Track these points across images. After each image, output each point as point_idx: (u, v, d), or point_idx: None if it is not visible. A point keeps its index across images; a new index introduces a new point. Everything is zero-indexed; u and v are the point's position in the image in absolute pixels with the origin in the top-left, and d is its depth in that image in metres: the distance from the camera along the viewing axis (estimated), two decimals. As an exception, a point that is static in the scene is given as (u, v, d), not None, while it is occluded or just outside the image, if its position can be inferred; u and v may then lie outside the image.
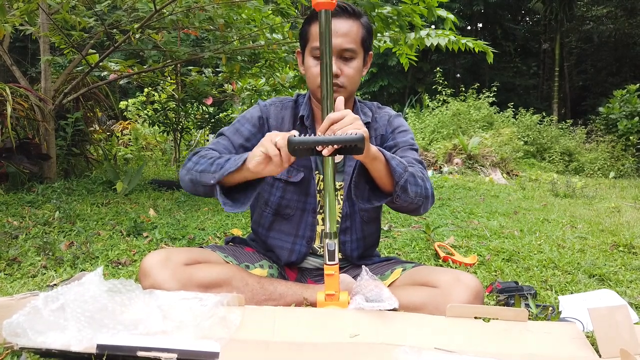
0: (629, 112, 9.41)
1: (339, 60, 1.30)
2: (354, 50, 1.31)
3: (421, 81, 16.96)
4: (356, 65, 1.33)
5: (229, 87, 5.29)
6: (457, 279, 1.20)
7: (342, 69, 1.31)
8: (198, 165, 1.25)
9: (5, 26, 2.91)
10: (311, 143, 1.02)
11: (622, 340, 1.05)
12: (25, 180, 3.50)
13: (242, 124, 1.41)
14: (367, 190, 1.23)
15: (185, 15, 3.32)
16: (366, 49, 1.36)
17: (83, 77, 3.82)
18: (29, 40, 8.96)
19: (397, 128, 1.45)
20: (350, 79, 1.32)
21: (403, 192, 1.19)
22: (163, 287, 1.15)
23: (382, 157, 1.16)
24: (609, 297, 1.54)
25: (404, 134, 1.44)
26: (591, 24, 18.69)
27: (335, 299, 1.15)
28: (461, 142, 7.56)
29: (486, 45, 3.30)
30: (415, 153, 1.39)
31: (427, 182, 1.29)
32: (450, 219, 3.26)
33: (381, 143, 1.43)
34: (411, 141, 1.42)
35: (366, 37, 1.34)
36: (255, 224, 1.50)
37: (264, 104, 1.46)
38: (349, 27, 1.30)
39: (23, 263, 1.89)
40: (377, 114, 1.48)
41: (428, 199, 1.28)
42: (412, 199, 1.23)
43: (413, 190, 1.21)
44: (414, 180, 1.22)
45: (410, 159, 1.35)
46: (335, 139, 1.01)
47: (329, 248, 1.16)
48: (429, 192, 1.28)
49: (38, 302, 0.96)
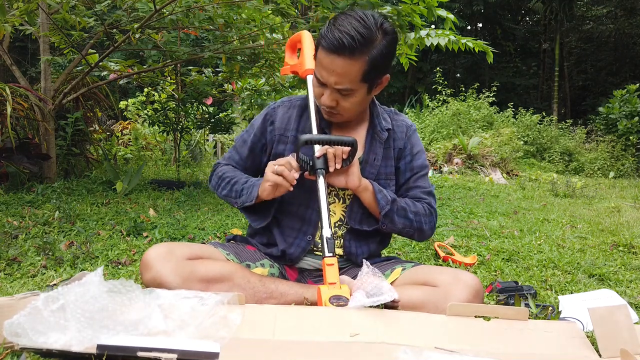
0: (628, 112, 9.41)
1: (335, 93, 1.27)
2: (349, 89, 1.26)
3: (421, 81, 16.97)
4: (354, 100, 1.29)
5: (229, 87, 5.29)
6: (457, 278, 1.21)
7: (339, 101, 1.29)
8: (220, 188, 1.44)
9: (5, 26, 2.91)
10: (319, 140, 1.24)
11: (622, 340, 1.05)
12: (25, 180, 3.50)
13: (248, 133, 1.49)
14: (360, 215, 1.39)
15: (185, 15, 3.32)
16: (372, 79, 1.28)
17: (83, 77, 3.82)
18: (29, 40, 8.96)
19: (415, 147, 1.47)
20: (347, 110, 1.32)
21: (389, 222, 1.36)
22: (164, 280, 1.15)
23: (371, 188, 1.34)
24: (608, 297, 1.54)
25: (420, 155, 1.48)
26: (591, 24, 18.70)
27: (337, 287, 1.17)
28: (461, 142, 7.56)
29: (486, 45, 3.30)
30: (426, 179, 1.48)
31: (424, 217, 1.40)
32: (450, 218, 3.26)
33: (398, 157, 1.45)
34: (425, 163, 1.49)
35: (371, 70, 1.23)
36: None
37: (273, 105, 1.49)
38: (346, 67, 1.21)
39: (23, 263, 1.89)
40: (395, 121, 1.48)
41: (422, 231, 1.42)
42: (400, 229, 1.39)
43: (401, 222, 1.37)
44: (403, 213, 1.37)
45: (419, 192, 1.45)
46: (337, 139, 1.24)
47: (328, 240, 1.23)
48: (423, 225, 1.40)
49: (38, 303, 0.96)
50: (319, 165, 1.27)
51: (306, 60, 1.45)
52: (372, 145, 1.42)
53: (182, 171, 5.24)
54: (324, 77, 1.26)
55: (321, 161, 1.27)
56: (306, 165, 1.27)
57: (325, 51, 1.22)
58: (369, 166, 1.41)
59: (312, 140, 1.24)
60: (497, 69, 17.99)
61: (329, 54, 1.22)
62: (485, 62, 12.59)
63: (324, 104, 1.31)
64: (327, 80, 1.26)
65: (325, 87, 1.28)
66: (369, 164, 1.41)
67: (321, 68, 1.25)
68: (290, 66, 1.54)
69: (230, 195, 1.40)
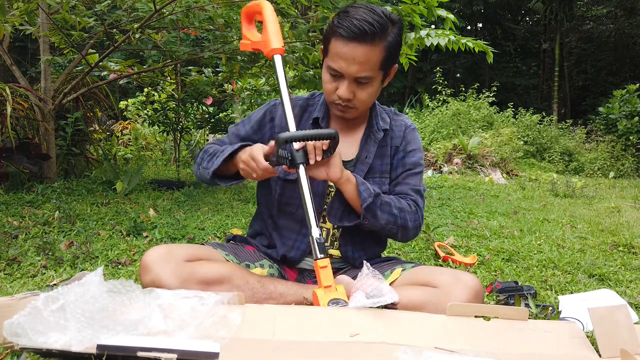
0: (628, 112, 9.41)
1: (353, 84, 1.27)
2: (370, 77, 1.26)
3: (421, 81, 16.97)
4: (371, 90, 1.30)
5: (229, 87, 5.29)
6: (457, 279, 1.21)
7: (356, 92, 1.28)
8: (203, 160, 1.38)
9: (5, 26, 2.91)
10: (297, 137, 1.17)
11: (622, 340, 1.05)
12: (25, 180, 3.50)
13: (244, 125, 1.46)
14: (340, 211, 1.35)
15: (185, 15, 3.32)
16: (387, 67, 1.30)
17: (83, 77, 3.82)
18: (29, 40, 8.95)
19: (410, 144, 1.45)
20: (363, 103, 1.31)
21: (372, 217, 1.30)
22: (164, 283, 1.15)
23: (354, 180, 1.28)
24: (608, 297, 1.54)
25: (414, 153, 1.45)
26: (591, 24, 18.70)
27: (333, 290, 1.15)
28: (461, 142, 7.56)
29: (486, 45, 3.30)
30: (417, 178, 1.43)
31: (409, 214, 1.35)
32: (450, 218, 3.26)
33: (393, 154, 1.44)
34: (419, 161, 1.45)
35: (388, 57, 1.26)
36: (261, 221, 1.49)
37: (274, 102, 1.47)
38: (367, 54, 1.22)
39: (23, 263, 1.89)
40: (394, 121, 1.47)
41: (407, 229, 1.35)
42: (383, 226, 1.32)
43: (384, 218, 1.31)
44: (387, 208, 1.31)
45: (408, 188, 1.40)
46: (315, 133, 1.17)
47: (318, 242, 1.19)
48: (407, 223, 1.34)
49: (38, 303, 0.96)
50: (299, 159, 1.20)
51: (271, 37, 1.29)
52: (366, 143, 1.42)
53: (182, 171, 5.24)
54: (342, 68, 1.24)
55: (300, 154, 1.21)
56: (286, 160, 1.20)
57: (344, 40, 1.22)
58: (360, 163, 1.41)
59: (292, 138, 1.17)
60: (497, 69, 17.99)
61: (348, 42, 1.21)
62: (485, 62, 12.58)
63: (342, 96, 1.27)
64: (346, 71, 1.24)
65: (341, 79, 1.26)
66: (360, 161, 1.41)
67: (338, 59, 1.23)
68: (251, 42, 1.39)
69: (211, 161, 1.32)
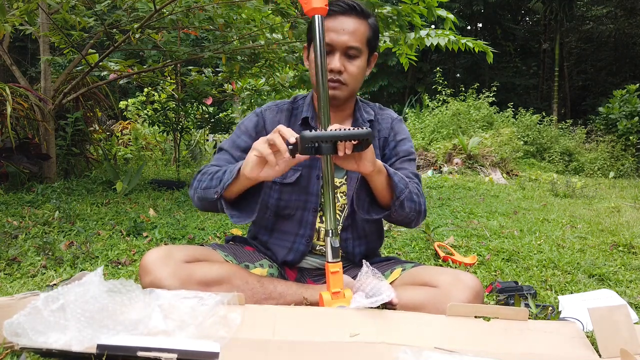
0: (628, 112, 9.41)
1: (343, 57, 1.31)
2: (359, 48, 1.31)
3: (421, 81, 16.95)
4: (360, 64, 1.34)
5: (229, 87, 5.29)
6: (457, 279, 1.21)
7: (346, 66, 1.32)
8: (201, 182, 1.30)
9: (5, 26, 2.91)
10: (326, 138, 1.04)
11: (622, 340, 1.05)
12: (25, 180, 3.50)
13: (238, 136, 1.43)
14: (367, 203, 1.29)
15: (185, 15, 3.32)
16: (371, 49, 1.37)
17: (83, 77, 3.82)
18: (29, 40, 8.95)
19: (398, 134, 1.47)
20: (353, 77, 1.33)
21: (400, 207, 1.26)
22: (163, 284, 1.15)
23: (385, 172, 1.22)
24: (608, 297, 1.54)
25: (405, 142, 1.47)
26: (591, 24, 18.69)
27: (341, 296, 1.15)
28: (461, 142, 7.56)
29: (486, 45, 3.30)
30: (413, 164, 1.45)
31: (421, 198, 1.35)
32: (450, 218, 3.26)
33: (383, 145, 1.45)
34: (411, 150, 1.47)
35: (372, 37, 1.35)
36: (256, 227, 1.49)
37: (259, 110, 1.46)
38: (356, 25, 1.31)
39: (23, 263, 1.89)
40: (379, 114, 1.50)
41: (420, 214, 1.35)
42: (407, 214, 1.30)
43: (409, 206, 1.28)
44: (410, 196, 1.28)
45: (408, 172, 1.40)
46: (347, 134, 1.03)
47: (333, 245, 1.16)
48: (422, 207, 1.35)
49: (38, 302, 0.96)
50: (326, 151, 1.08)
51: None
52: None
53: (182, 171, 5.24)
54: (333, 40, 1.29)
55: (329, 146, 1.07)
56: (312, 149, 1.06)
57: (334, 15, 1.30)
58: None
59: (320, 138, 1.03)
60: (497, 69, 17.98)
61: (337, 16, 1.30)
62: (485, 62, 12.59)
63: (334, 68, 1.30)
64: (337, 41, 1.29)
65: (332, 54, 1.31)
66: None
67: (329, 32, 1.29)
68: None
69: (210, 185, 1.24)
